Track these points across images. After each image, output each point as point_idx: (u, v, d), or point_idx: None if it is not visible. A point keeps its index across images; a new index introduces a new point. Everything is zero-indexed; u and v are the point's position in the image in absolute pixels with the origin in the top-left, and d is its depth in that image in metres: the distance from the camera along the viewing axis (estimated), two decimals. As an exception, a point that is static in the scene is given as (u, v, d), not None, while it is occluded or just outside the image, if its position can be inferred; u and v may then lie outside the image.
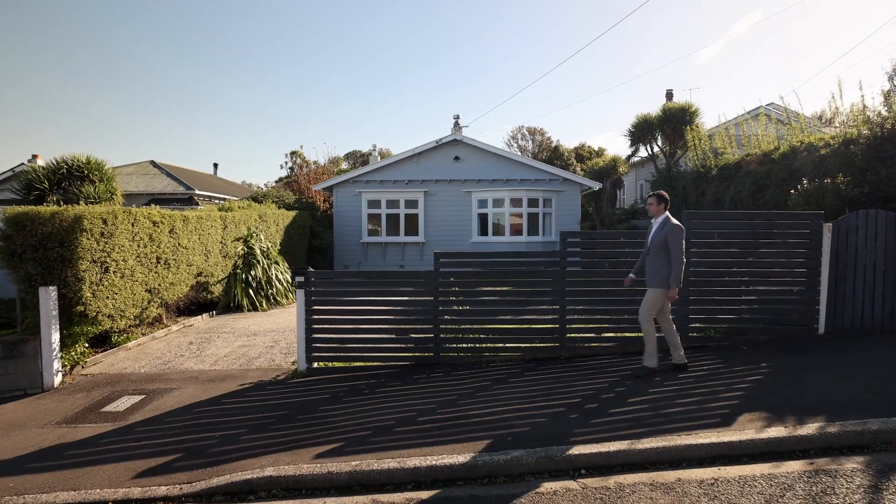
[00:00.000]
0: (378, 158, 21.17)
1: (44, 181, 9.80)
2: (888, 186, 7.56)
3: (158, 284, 8.18)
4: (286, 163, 32.26)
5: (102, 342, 7.59)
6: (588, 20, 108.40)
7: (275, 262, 11.89)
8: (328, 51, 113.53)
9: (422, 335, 6.26)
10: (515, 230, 16.52)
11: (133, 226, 7.47)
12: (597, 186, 17.98)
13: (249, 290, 10.98)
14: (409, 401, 5.04)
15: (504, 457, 3.74)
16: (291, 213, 15.10)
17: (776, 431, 3.91)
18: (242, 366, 6.69)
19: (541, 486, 3.49)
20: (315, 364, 6.25)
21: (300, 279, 6.12)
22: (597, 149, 37.25)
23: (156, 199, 18.21)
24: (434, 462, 3.72)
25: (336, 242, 17.17)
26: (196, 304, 10.09)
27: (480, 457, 3.75)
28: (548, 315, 6.36)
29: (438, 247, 15.96)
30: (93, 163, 10.18)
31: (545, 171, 17.05)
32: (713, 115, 32.42)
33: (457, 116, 17.63)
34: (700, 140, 14.60)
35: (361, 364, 6.26)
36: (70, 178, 9.92)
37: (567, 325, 6.27)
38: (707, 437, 3.87)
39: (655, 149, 17.91)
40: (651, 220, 5.46)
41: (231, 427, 4.61)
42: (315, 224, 17.09)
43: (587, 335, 6.37)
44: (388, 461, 3.78)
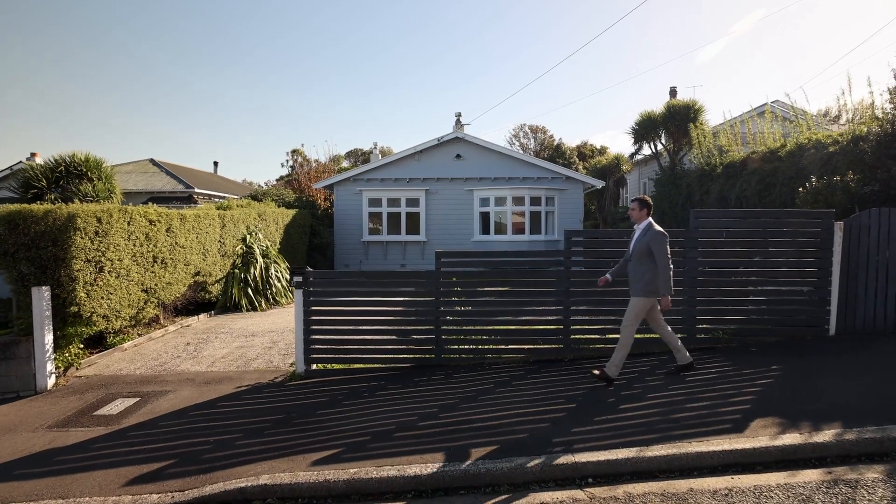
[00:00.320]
0: (379, 157, 20.99)
1: (42, 179, 9.71)
2: (899, 184, 7.41)
3: (155, 284, 8.05)
4: (287, 161, 31.98)
5: (98, 343, 7.46)
6: (588, 20, 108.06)
7: (274, 262, 11.76)
8: (328, 51, 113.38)
9: (423, 336, 6.13)
10: (518, 229, 16.34)
11: (129, 224, 7.34)
12: (600, 185, 17.76)
13: (248, 290, 10.86)
14: (410, 404, 4.90)
15: (508, 465, 3.60)
16: (291, 212, 14.95)
17: (791, 438, 3.76)
18: (240, 367, 6.56)
19: (546, 496, 3.35)
20: (314, 366, 6.11)
21: (298, 279, 5.98)
22: (599, 147, 37.14)
23: (155, 198, 18.11)
24: (435, 470, 3.58)
25: (337, 241, 17.01)
26: (194, 304, 9.96)
27: (483, 464, 3.62)
28: (551, 316, 6.22)
29: (440, 246, 15.81)
30: (91, 161, 10.09)
31: (547, 170, 16.87)
32: (717, 113, 32.26)
33: (458, 114, 17.45)
34: (705, 137, 14.37)
35: (361, 366, 6.13)
36: (68, 177, 9.83)
37: (571, 327, 6.14)
38: (719, 444, 3.73)
39: (659, 146, 17.69)
40: (633, 226, 5.30)
41: (226, 432, 4.48)
42: (315, 223, 16.91)
43: (591, 336, 6.22)
44: (388, 469, 3.64)
